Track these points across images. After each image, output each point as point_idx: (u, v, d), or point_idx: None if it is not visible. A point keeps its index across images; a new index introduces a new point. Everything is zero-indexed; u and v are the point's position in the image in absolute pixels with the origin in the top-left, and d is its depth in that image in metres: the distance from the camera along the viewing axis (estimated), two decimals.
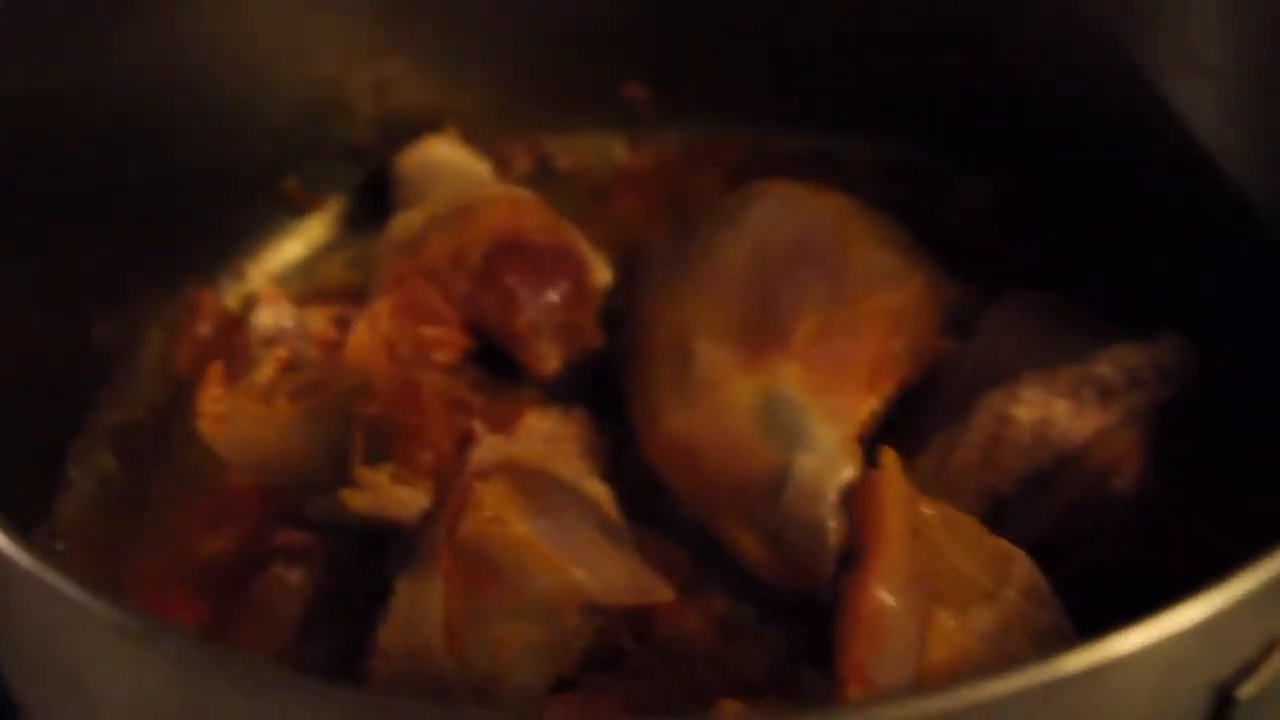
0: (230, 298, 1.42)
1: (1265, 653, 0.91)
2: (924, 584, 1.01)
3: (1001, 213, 1.44)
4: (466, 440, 1.17)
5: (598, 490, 1.20)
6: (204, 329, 1.35)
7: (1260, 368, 1.27)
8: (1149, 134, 1.36)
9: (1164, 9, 1.32)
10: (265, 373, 1.21)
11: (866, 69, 1.48)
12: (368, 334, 1.18)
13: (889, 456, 1.06)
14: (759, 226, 1.30)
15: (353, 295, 1.39)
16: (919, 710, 0.82)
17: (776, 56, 1.49)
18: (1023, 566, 1.05)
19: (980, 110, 1.45)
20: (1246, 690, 0.90)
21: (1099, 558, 1.16)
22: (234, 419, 1.18)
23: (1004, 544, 1.07)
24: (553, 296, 1.31)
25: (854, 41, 1.47)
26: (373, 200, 1.48)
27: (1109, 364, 1.20)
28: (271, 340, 1.25)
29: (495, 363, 1.32)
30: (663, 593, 1.12)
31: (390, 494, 1.13)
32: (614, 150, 1.52)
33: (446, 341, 1.24)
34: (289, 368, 1.21)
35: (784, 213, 1.31)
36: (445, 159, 1.46)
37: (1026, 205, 1.44)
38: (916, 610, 1.00)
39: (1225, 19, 1.28)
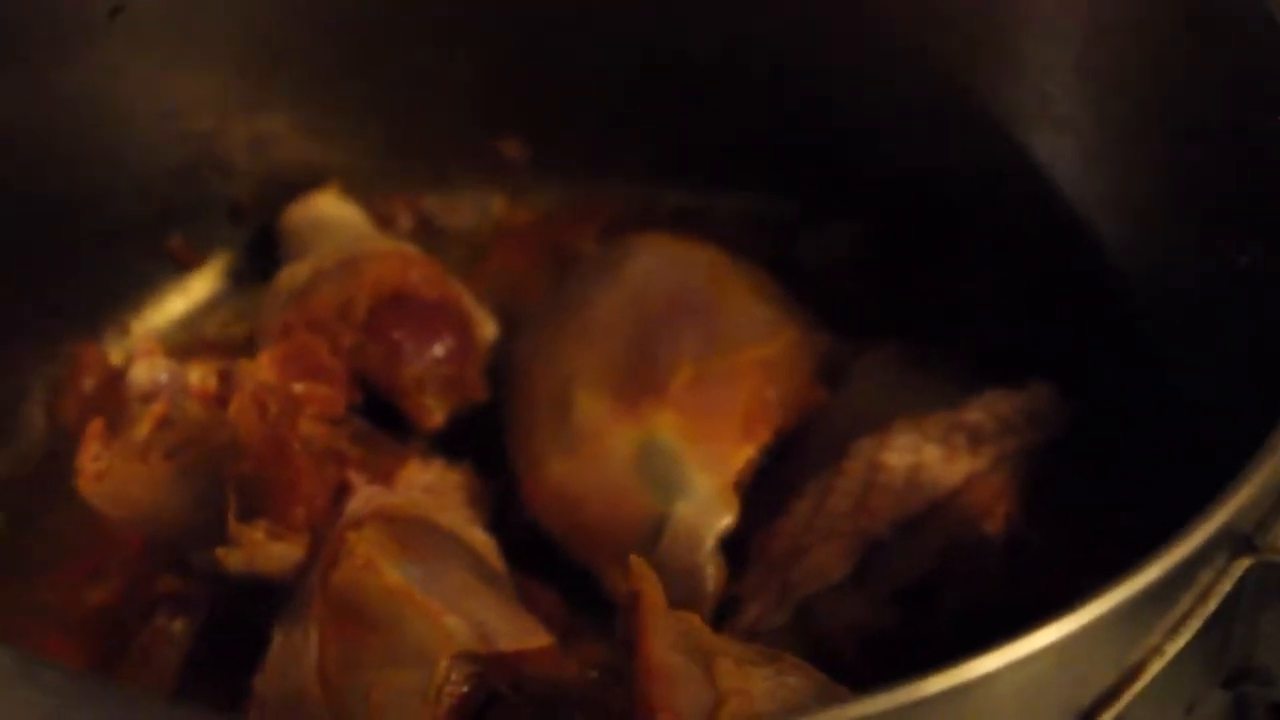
0: (114, 352, 1.36)
1: (1125, 680, 0.89)
2: (698, 649, 0.99)
3: (869, 261, 1.42)
4: (342, 491, 1.13)
5: (479, 539, 1.17)
6: (87, 384, 1.30)
7: (1122, 414, 1.24)
8: (1012, 183, 1.34)
9: (1023, 65, 1.29)
10: (142, 429, 1.16)
11: (734, 125, 1.45)
12: (243, 392, 1.13)
13: (639, 565, 1.02)
14: (635, 279, 1.28)
15: (236, 349, 1.35)
16: None
17: (647, 113, 1.46)
18: (788, 657, 1.01)
19: (845, 161, 1.42)
20: (1107, 718, 0.88)
21: (971, 601, 1.13)
22: (111, 477, 1.13)
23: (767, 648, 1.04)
24: (438, 350, 1.27)
25: (720, 98, 1.43)
26: (257, 256, 1.44)
27: (979, 410, 1.18)
28: (148, 396, 1.20)
29: (381, 415, 1.28)
30: (541, 638, 1.08)
31: (265, 550, 1.09)
32: (493, 206, 1.49)
33: (324, 396, 1.19)
34: (165, 423, 1.17)
35: (660, 265, 1.29)
36: (331, 214, 1.42)
37: (893, 254, 1.41)
38: (697, 660, 0.98)
39: (1084, 76, 1.26)
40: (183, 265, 1.43)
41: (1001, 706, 0.85)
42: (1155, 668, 0.89)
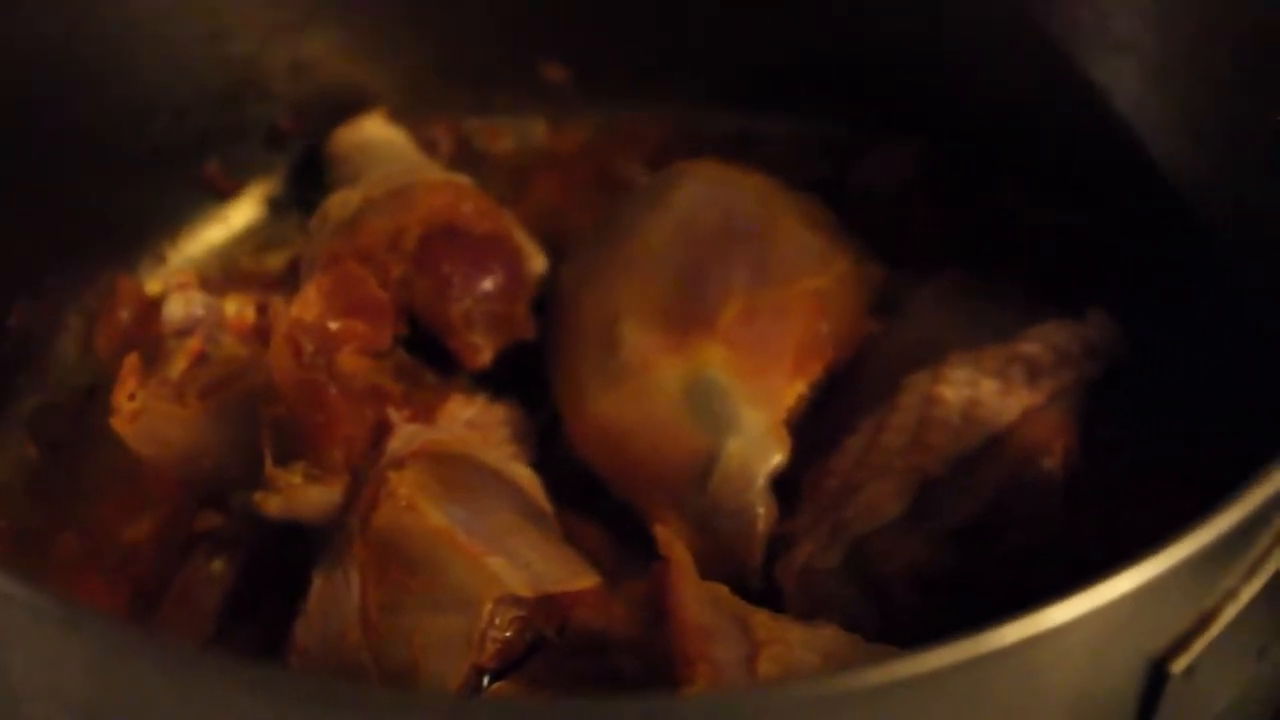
0: (150, 283, 1.33)
1: (1199, 626, 0.86)
2: (730, 611, 0.99)
3: (921, 187, 1.37)
4: (382, 430, 1.09)
5: (523, 475, 1.13)
6: (123, 315, 1.27)
7: (1181, 342, 1.20)
8: (1070, 106, 1.29)
9: None
10: (177, 367, 1.12)
11: (784, 45, 1.40)
12: (277, 334, 1.09)
13: (664, 534, 1.01)
14: (683, 208, 1.23)
15: (274, 279, 1.33)
16: (856, 684, 0.77)
17: (693, 35, 1.41)
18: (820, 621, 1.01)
19: (898, 85, 1.38)
20: (1180, 664, 0.85)
21: (1029, 540, 1.08)
22: (146, 416, 1.09)
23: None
24: (488, 285, 1.22)
25: (770, 17, 1.39)
26: (295, 184, 1.40)
27: (1036, 342, 1.13)
28: (184, 331, 1.16)
29: (424, 348, 1.23)
30: (587, 578, 1.05)
31: (303, 494, 1.05)
32: (535, 132, 1.44)
33: (365, 331, 1.14)
34: (201, 360, 1.13)
35: (708, 194, 1.24)
36: (379, 138, 1.38)
37: (946, 180, 1.36)
38: (732, 616, 0.98)
39: None
40: (220, 193, 1.39)
41: (1073, 655, 0.82)
42: (1230, 613, 0.86)
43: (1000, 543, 1.08)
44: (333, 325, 1.13)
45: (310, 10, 1.36)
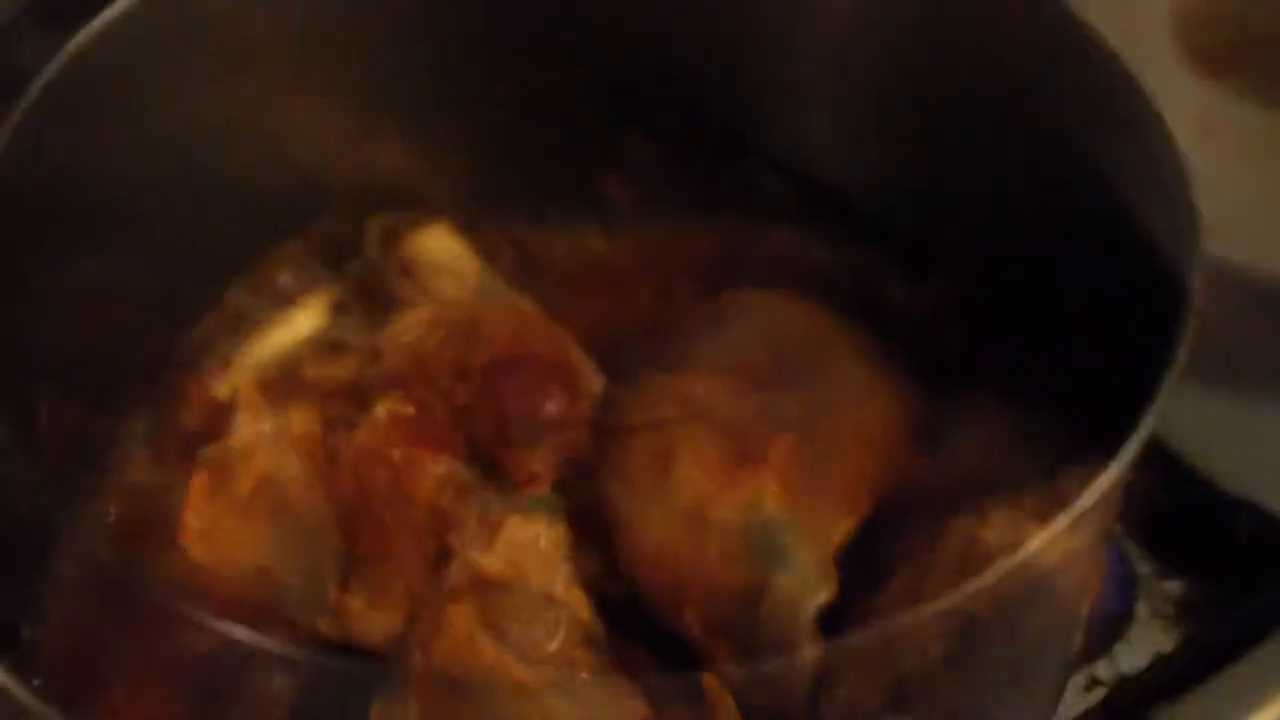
0: (216, 387, 1.32)
1: None
2: None
3: (961, 315, 1.38)
4: (443, 555, 1.12)
5: (577, 600, 1.15)
6: (188, 420, 1.29)
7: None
8: (1117, 239, 1.30)
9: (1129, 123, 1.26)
10: (244, 485, 1.15)
11: (834, 167, 1.43)
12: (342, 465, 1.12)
13: (711, 680, 1.04)
14: (733, 339, 1.26)
15: (339, 388, 1.31)
16: None
17: (743, 155, 1.45)
18: None
19: (945, 212, 1.39)
20: None
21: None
22: (215, 535, 1.12)
23: None
24: (549, 410, 1.25)
25: (822, 139, 1.42)
26: (357, 292, 1.40)
27: (1076, 483, 1.15)
28: (251, 449, 1.19)
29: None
30: (636, 711, 1.07)
31: (365, 621, 1.09)
32: (591, 243, 1.46)
33: (429, 458, 1.17)
34: (267, 480, 1.16)
35: (759, 325, 1.27)
36: (443, 250, 1.39)
37: (987, 308, 1.37)
38: None
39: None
40: (282, 299, 1.40)
41: None
42: None
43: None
44: (397, 452, 1.16)
45: (373, 123, 1.39)
